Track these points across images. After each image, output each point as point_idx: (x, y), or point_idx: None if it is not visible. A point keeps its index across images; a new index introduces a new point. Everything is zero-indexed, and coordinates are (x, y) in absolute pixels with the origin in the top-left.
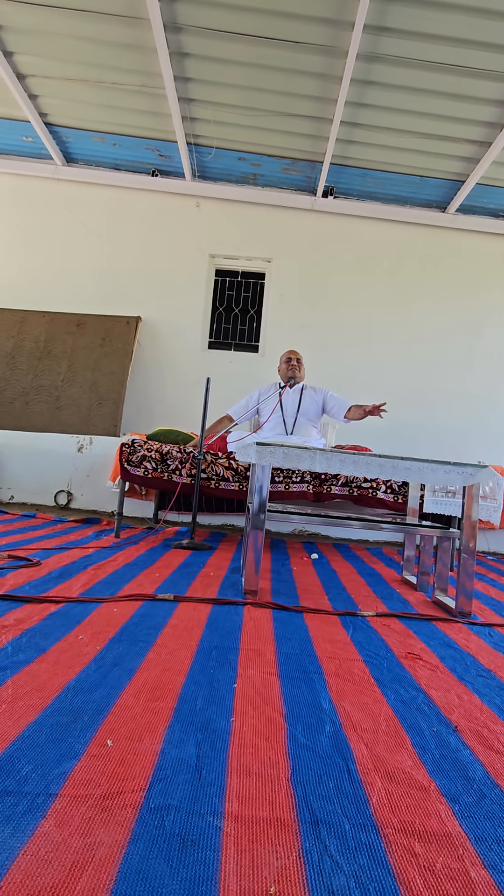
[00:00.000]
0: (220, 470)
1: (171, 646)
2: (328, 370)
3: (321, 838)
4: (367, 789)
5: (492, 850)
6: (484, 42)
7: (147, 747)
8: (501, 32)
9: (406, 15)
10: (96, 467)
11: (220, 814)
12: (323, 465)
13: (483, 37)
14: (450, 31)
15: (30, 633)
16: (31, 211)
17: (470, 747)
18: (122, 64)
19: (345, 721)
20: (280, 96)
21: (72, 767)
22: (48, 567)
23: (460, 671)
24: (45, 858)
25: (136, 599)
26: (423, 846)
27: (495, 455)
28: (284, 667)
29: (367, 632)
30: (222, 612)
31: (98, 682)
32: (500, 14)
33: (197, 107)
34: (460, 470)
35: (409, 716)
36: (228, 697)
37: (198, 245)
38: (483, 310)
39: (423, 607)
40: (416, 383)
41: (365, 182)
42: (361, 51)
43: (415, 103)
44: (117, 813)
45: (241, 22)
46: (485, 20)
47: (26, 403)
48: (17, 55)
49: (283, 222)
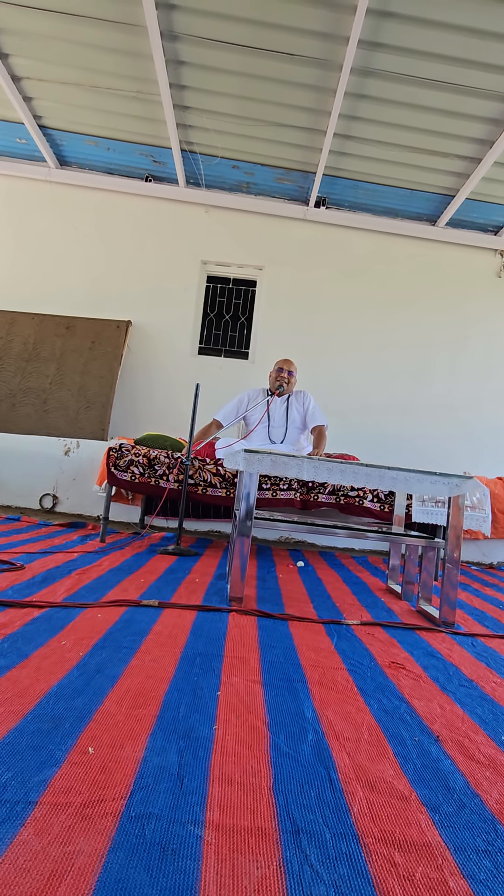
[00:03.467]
0: (208, 476)
1: (154, 652)
2: (316, 378)
3: (302, 847)
4: (348, 798)
5: (471, 860)
6: (476, 61)
7: (129, 755)
8: (493, 52)
9: (400, 32)
10: (83, 471)
11: (201, 822)
12: (310, 474)
13: (475, 56)
14: (443, 49)
15: (12, 637)
16: (23, 212)
17: (451, 757)
18: (118, 70)
19: (327, 730)
20: (274, 107)
21: (52, 775)
22: (32, 571)
23: (443, 681)
24: (24, 867)
25: (121, 605)
26: (403, 856)
27: (479, 466)
28: (268, 675)
29: (351, 640)
30: (207, 618)
31: (80, 688)
32: (492, 34)
33: (192, 114)
34: (446, 480)
35: (391, 725)
36: (212, 705)
37: (190, 251)
38: (469, 322)
39: (407, 616)
40: (402, 393)
41: (357, 193)
42: (356, 65)
43: (407, 118)
44: (97, 821)
45: (237, 32)
46: (477, 39)
47: (13, 405)
48: (13, 57)
49: (275, 231)
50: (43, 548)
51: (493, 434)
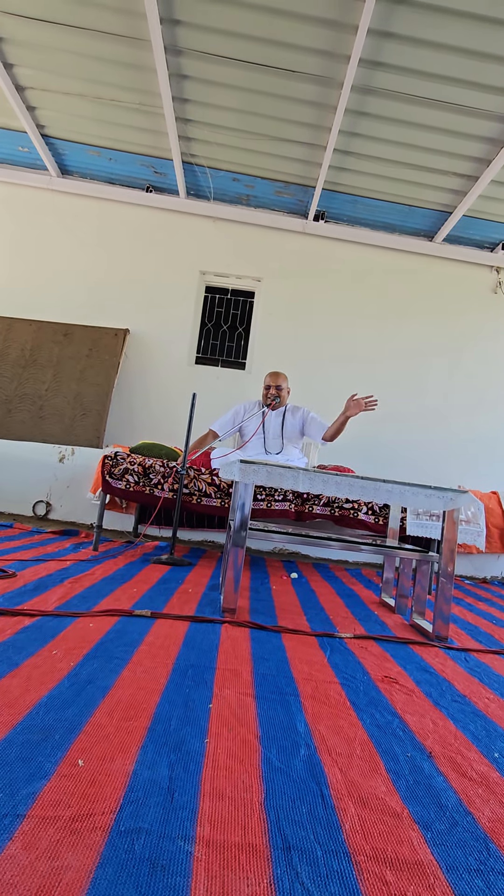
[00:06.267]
0: (203, 485)
1: (146, 663)
2: (312, 390)
3: (293, 865)
4: (340, 815)
5: (462, 879)
6: (474, 81)
7: (119, 768)
8: (491, 73)
9: (400, 52)
10: (77, 478)
11: (191, 838)
12: (306, 485)
13: (474, 76)
14: (442, 70)
15: (2, 646)
16: (24, 220)
17: (443, 774)
18: (121, 82)
19: (320, 745)
20: (275, 121)
21: (41, 787)
22: (24, 579)
23: (436, 696)
24: (10, 882)
25: (113, 615)
26: (395, 874)
27: (473, 479)
28: (261, 688)
29: (344, 654)
30: (200, 630)
31: (71, 699)
32: (490, 56)
33: (193, 127)
34: (440, 494)
35: (383, 740)
36: (203, 718)
37: (189, 261)
38: (464, 337)
39: (400, 630)
40: (397, 406)
41: (355, 208)
42: (356, 83)
43: (406, 135)
44: (86, 836)
45: (240, 48)
46: (476, 61)
47: (9, 411)
48: (17, 67)
49: (274, 243)
50: (35, 555)
51: (486, 448)
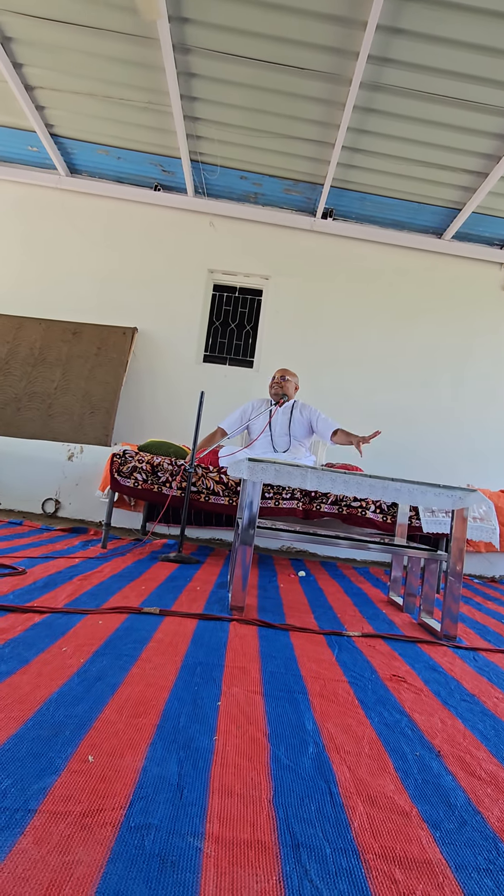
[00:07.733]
0: (211, 484)
1: (155, 661)
2: (321, 388)
3: (301, 862)
4: (348, 813)
5: (472, 879)
6: (484, 77)
7: (129, 764)
8: (501, 68)
9: (409, 48)
10: (86, 476)
11: (200, 834)
12: (314, 484)
13: (483, 72)
14: (451, 66)
15: (12, 643)
16: (33, 219)
17: (452, 773)
18: (130, 81)
19: (328, 743)
20: (284, 119)
21: (52, 783)
22: (33, 576)
23: (444, 695)
24: (23, 876)
25: (122, 612)
26: (404, 873)
27: (483, 478)
28: (269, 686)
29: (352, 652)
30: (208, 627)
31: (81, 695)
32: (501, 51)
33: (202, 125)
34: (449, 493)
35: (392, 739)
36: (212, 715)
37: (197, 259)
38: (474, 335)
39: (408, 629)
40: (406, 404)
41: (364, 206)
42: (365, 80)
43: (415, 132)
44: (97, 831)
45: (248, 46)
46: (486, 56)
47: (18, 409)
48: (27, 67)
49: (282, 241)
50: (44, 553)
51: (497, 446)
